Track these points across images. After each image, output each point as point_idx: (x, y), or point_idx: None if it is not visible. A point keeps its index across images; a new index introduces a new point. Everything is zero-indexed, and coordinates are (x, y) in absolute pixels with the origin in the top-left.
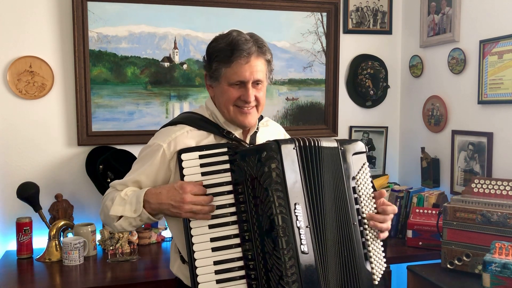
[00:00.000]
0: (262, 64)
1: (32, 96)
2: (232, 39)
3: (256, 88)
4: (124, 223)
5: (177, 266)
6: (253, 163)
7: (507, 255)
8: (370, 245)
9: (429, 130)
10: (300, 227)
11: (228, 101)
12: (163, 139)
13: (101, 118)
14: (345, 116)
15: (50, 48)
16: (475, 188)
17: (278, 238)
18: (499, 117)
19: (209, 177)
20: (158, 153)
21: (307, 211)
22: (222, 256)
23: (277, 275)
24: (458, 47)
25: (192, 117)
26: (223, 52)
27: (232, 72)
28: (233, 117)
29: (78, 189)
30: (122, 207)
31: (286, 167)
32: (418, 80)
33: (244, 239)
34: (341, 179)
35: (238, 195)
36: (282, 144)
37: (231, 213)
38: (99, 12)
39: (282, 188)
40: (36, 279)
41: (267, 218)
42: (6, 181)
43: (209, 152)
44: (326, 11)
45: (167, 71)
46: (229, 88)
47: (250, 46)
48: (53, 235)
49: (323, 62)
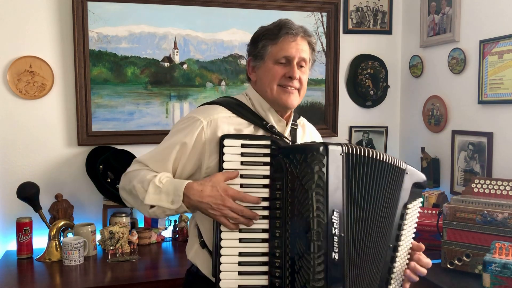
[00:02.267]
0: (307, 46)
1: (32, 96)
2: (281, 21)
3: (300, 70)
4: (158, 212)
5: (195, 251)
6: (297, 162)
7: (507, 255)
8: (395, 272)
9: (429, 130)
10: (335, 234)
11: (273, 79)
12: (204, 115)
13: (101, 118)
14: (345, 116)
15: (50, 48)
16: (475, 188)
17: (311, 242)
18: (499, 117)
19: (247, 168)
20: (197, 128)
21: (344, 220)
22: (248, 249)
23: (304, 278)
24: (458, 47)
25: (233, 102)
26: (271, 31)
27: (278, 49)
28: (276, 96)
29: (78, 189)
30: (158, 196)
31: (330, 172)
32: (418, 80)
33: (274, 236)
34: (395, 201)
35: (275, 191)
36: (330, 147)
37: (264, 207)
38: (99, 12)
39: (323, 193)
40: (36, 279)
41: (303, 220)
42: (6, 181)
43: (252, 142)
44: (326, 11)
45: (167, 71)
46: (274, 66)
47: (297, 27)
48: (53, 235)
49: (323, 62)
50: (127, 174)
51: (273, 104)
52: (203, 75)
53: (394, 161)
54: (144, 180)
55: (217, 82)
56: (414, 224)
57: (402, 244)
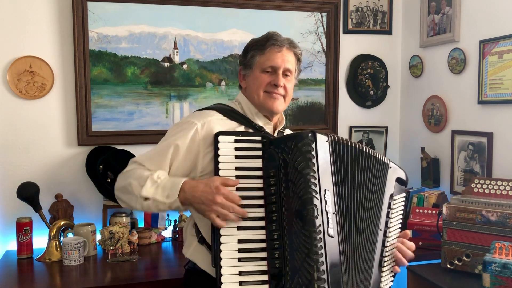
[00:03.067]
0: (293, 57)
1: (32, 96)
2: (268, 33)
3: (286, 78)
4: (152, 205)
5: (193, 248)
6: (289, 149)
7: (507, 255)
8: (387, 256)
9: (429, 130)
10: (328, 211)
11: (260, 86)
12: (198, 118)
13: (101, 118)
14: (345, 116)
15: (50, 48)
16: (475, 188)
17: (309, 218)
18: (499, 117)
19: (242, 161)
20: (191, 130)
21: (334, 199)
22: (246, 236)
23: (303, 253)
24: (458, 47)
25: (224, 108)
26: (259, 42)
27: (265, 59)
28: (263, 101)
29: (78, 189)
30: (155, 189)
31: (319, 156)
32: (418, 80)
33: (272, 220)
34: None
35: (269, 178)
36: (317, 134)
37: (259, 197)
38: (99, 12)
39: (315, 174)
40: (36, 279)
41: (299, 199)
42: (6, 181)
43: (244, 138)
44: (326, 11)
45: (167, 71)
46: (261, 74)
47: (283, 39)
48: (53, 235)
49: (323, 62)
50: (124, 173)
51: (261, 109)
52: (203, 75)
53: (378, 155)
54: (141, 177)
55: (217, 82)
56: (399, 216)
57: (391, 230)
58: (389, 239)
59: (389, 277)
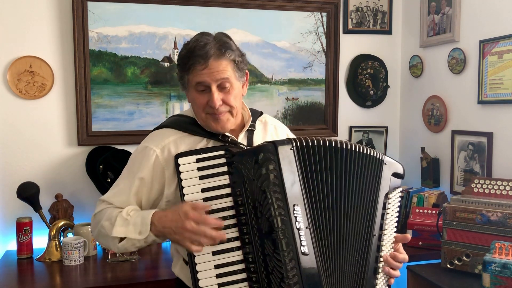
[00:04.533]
0: (224, 65)
1: (32, 96)
2: (190, 46)
3: (224, 91)
4: (127, 244)
5: (180, 267)
6: (250, 165)
7: (507, 255)
8: (382, 262)
9: (429, 130)
10: (300, 228)
11: (199, 108)
12: (155, 143)
13: (101, 118)
14: (345, 116)
15: (50, 48)
16: (475, 188)
17: (277, 240)
18: (499, 117)
19: (207, 181)
20: (151, 158)
21: (306, 212)
22: (223, 260)
23: (278, 278)
24: (458, 47)
25: (183, 121)
26: (183, 60)
27: (192, 77)
28: (207, 123)
29: (78, 189)
30: (125, 228)
31: (283, 168)
32: (418, 80)
33: (244, 242)
34: (374, 191)
35: (237, 197)
36: (278, 145)
37: (231, 216)
38: (99, 12)
39: (280, 190)
40: (36, 279)
41: (266, 220)
42: (6, 181)
43: (206, 156)
44: (326, 11)
45: (167, 71)
46: (196, 94)
47: (207, 50)
48: (53, 235)
49: (323, 62)
50: (95, 216)
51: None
52: None
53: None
54: (112, 216)
55: None
56: (396, 214)
57: (387, 233)
58: (384, 242)
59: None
